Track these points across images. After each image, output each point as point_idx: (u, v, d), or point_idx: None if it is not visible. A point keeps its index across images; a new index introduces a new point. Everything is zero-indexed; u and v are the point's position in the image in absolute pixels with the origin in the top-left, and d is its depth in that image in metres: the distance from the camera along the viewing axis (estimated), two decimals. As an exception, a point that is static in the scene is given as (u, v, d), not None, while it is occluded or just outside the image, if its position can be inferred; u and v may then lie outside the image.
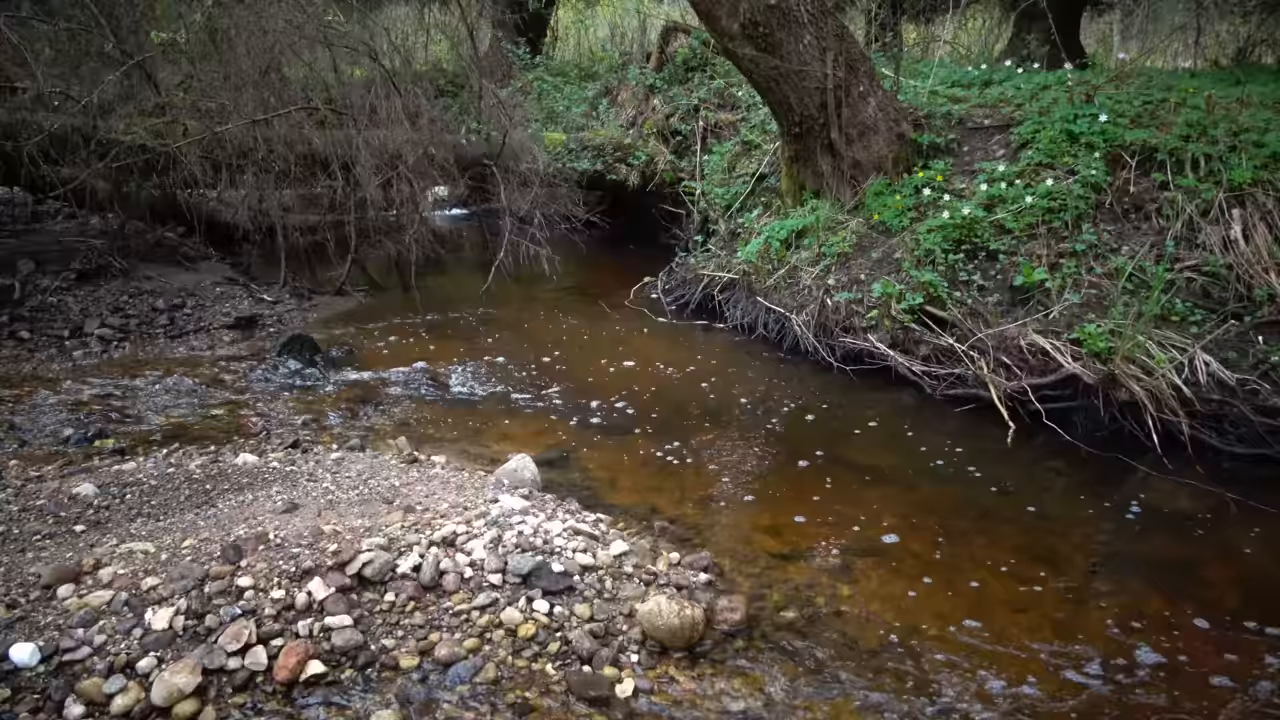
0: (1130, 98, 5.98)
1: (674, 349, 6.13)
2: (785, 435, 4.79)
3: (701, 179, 8.32)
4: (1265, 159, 5.21)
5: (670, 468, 4.39)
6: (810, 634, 3.10)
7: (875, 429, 4.85)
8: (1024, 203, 5.47)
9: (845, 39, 6.23)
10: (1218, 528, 3.83)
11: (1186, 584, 3.43)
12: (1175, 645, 3.05)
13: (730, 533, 3.78)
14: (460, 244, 9.59)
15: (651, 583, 3.22)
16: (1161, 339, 4.68)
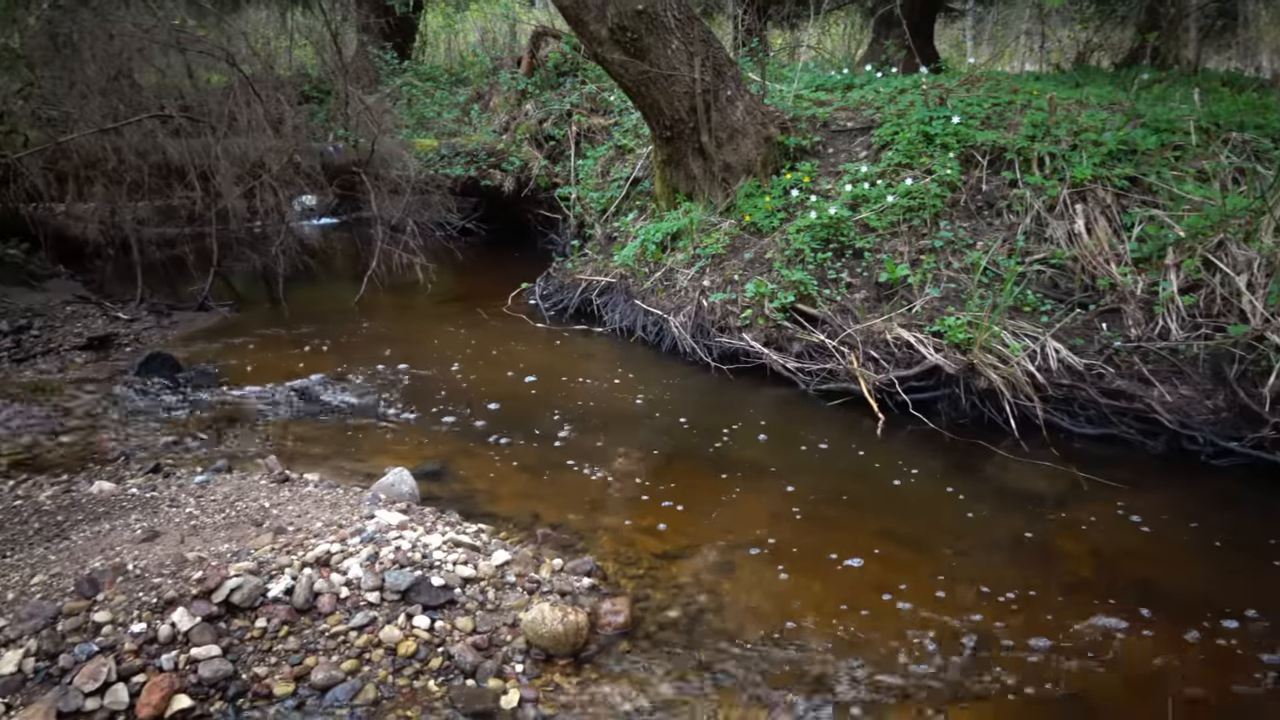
0: (980, 100, 6.29)
1: (554, 354, 6.11)
2: (665, 436, 4.83)
3: (576, 183, 8.33)
4: (1103, 157, 5.56)
5: (553, 474, 4.37)
6: (694, 631, 3.13)
7: (752, 426, 4.95)
8: (886, 202, 5.69)
9: (711, 44, 6.34)
10: (1070, 505, 4.06)
11: (1043, 560, 3.62)
12: (1034, 620, 3.21)
13: (613, 536, 3.79)
14: (331, 254, 9.34)
15: (535, 591, 3.20)
16: (1015, 329, 4.94)
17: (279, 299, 7.31)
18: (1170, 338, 4.76)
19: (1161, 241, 5.10)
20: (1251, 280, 4.73)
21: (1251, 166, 5.49)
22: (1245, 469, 4.31)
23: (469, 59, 12.17)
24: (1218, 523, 3.92)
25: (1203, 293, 4.85)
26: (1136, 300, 4.97)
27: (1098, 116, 5.93)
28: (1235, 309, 4.69)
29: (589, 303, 6.88)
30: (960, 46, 17.41)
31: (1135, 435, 4.60)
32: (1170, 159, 5.60)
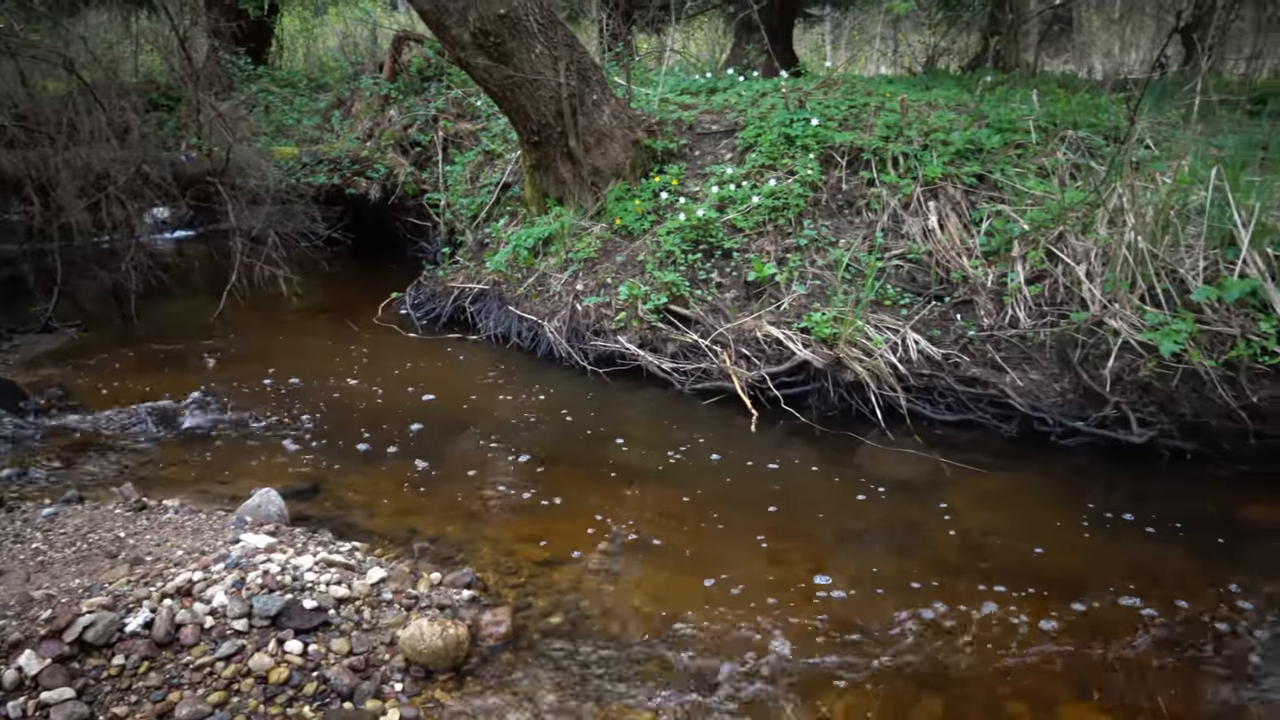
0: (837, 102, 6.51)
1: (427, 364, 6.00)
2: (544, 442, 4.81)
3: (445, 190, 8.21)
4: (952, 155, 5.84)
5: (430, 487, 4.29)
6: (578, 636, 3.14)
7: (630, 428, 4.98)
8: (751, 203, 5.82)
9: (576, 48, 6.35)
10: (935, 490, 4.24)
11: (913, 545, 3.77)
12: (907, 602, 3.35)
13: (493, 546, 3.75)
14: (188, 268, 8.92)
15: (413, 606, 3.14)
16: (877, 322, 5.13)
17: (131, 317, 6.94)
18: (1019, 326, 5.03)
19: (1008, 235, 5.39)
20: (1090, 269, 5.04)
21: (1086, 162, 5.86)
22: (1091, 446, 4.60)
23: (329, 64, 11.83)
24: (1069, 499, 4.17)
25: (1047, 282, 5.15)
26: (987, 291, 5.23)
27: (946, 117, 6.22)
28: (1076, 297, 4.99)
29: (462, 310, 6.79)
30: (820, 50, 17.96)
31: (991, 420, 4.83)
32: (1013, 157, 5.92)
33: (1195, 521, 3.92)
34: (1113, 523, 3.92)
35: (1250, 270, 4.59)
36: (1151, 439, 4.49)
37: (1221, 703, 2.85)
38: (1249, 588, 3.43)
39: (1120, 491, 4.27)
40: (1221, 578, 3.50)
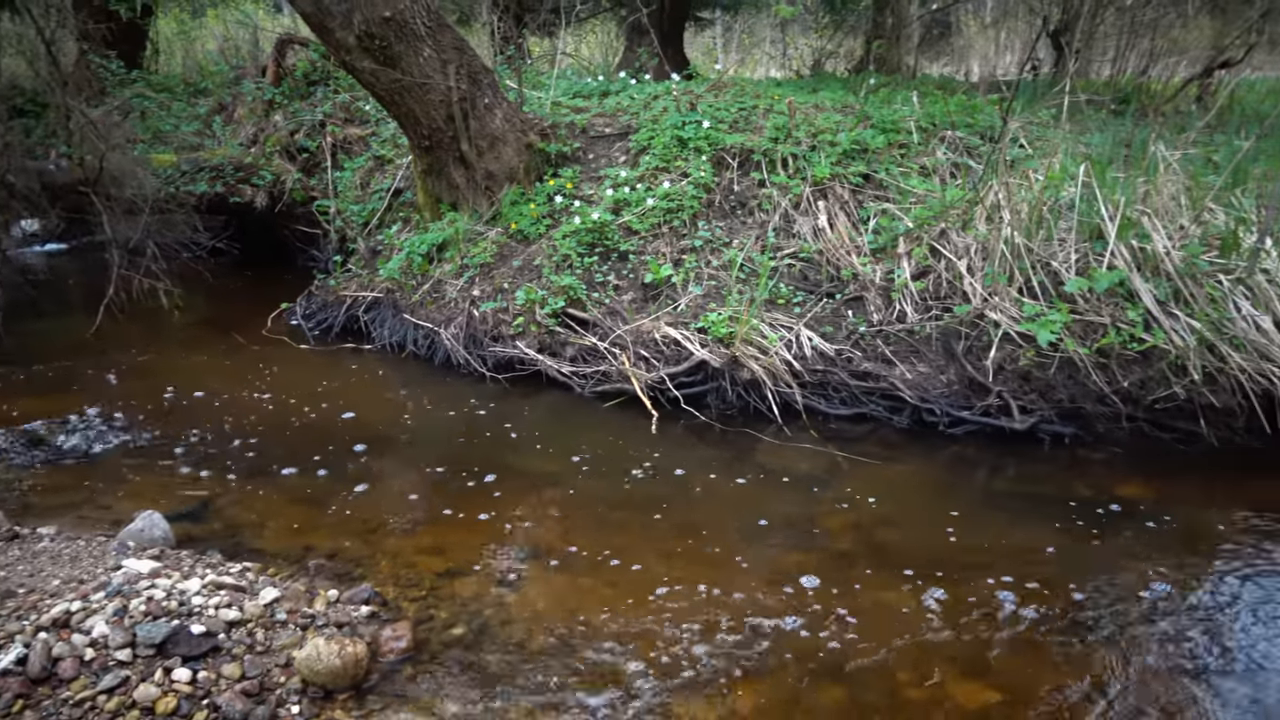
0: (728, 105, 6.61)
1: (321, 376, 5.84)
2: (443, 451, 4.74)
3: (335, 197, 8.02)
4: (839, 156, 5.99)
5: (325, 502, 4.18)
6: (480, 646, 3.10)
7: (532, 433, 4.95)
8: (646, 205, 5.86)
9: (466, 51, 6.28)
10: (832, 483, 4.34)
11: (811, 538, 3.85)
12: (809, 596, 3.42)
13: (393, 560, 3.68)
14: (61, 283, 8.49)
15: (309, 626, 3.05)
16: (772, 320, 5.23)
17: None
18: (907, 320, 5.19)
19: (894, 233, 5.56)
20: (970, 264, 5.24)
21: (965, 161, 6.09)
22: (977, 434, 4.78)
23: (209, 68, 11.41)
24: (958, 485, 4.34)
25: (931, 278, 5.33)
26: (876, 288, 5.39)
27: (832, 119, 6.38)
28: (959, 291, 5.18)
29: (356, 320, 6.64)
30: (711, 53, 18.19)
31: (883, 412, 4.98)
32: (897, 156, 6.12)
33: (1074, 502, 4.11)
34: (998, 506, 4.09)
35: (1118, 262, 4.85)
36: (1032, 425, 4.69)
37: (1100, 673, 3.00)
38: (1124, 563, 3.62)
39: (1004, 476, 4.46)
40: (1098, 554, 3.68)
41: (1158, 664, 3.05)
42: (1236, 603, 3.38)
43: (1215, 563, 3.64)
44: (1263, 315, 4.63)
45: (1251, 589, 3.45)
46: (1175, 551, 3.71)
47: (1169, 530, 3.88)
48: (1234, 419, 4.59)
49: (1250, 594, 3.42)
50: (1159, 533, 3.86)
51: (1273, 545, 3.75)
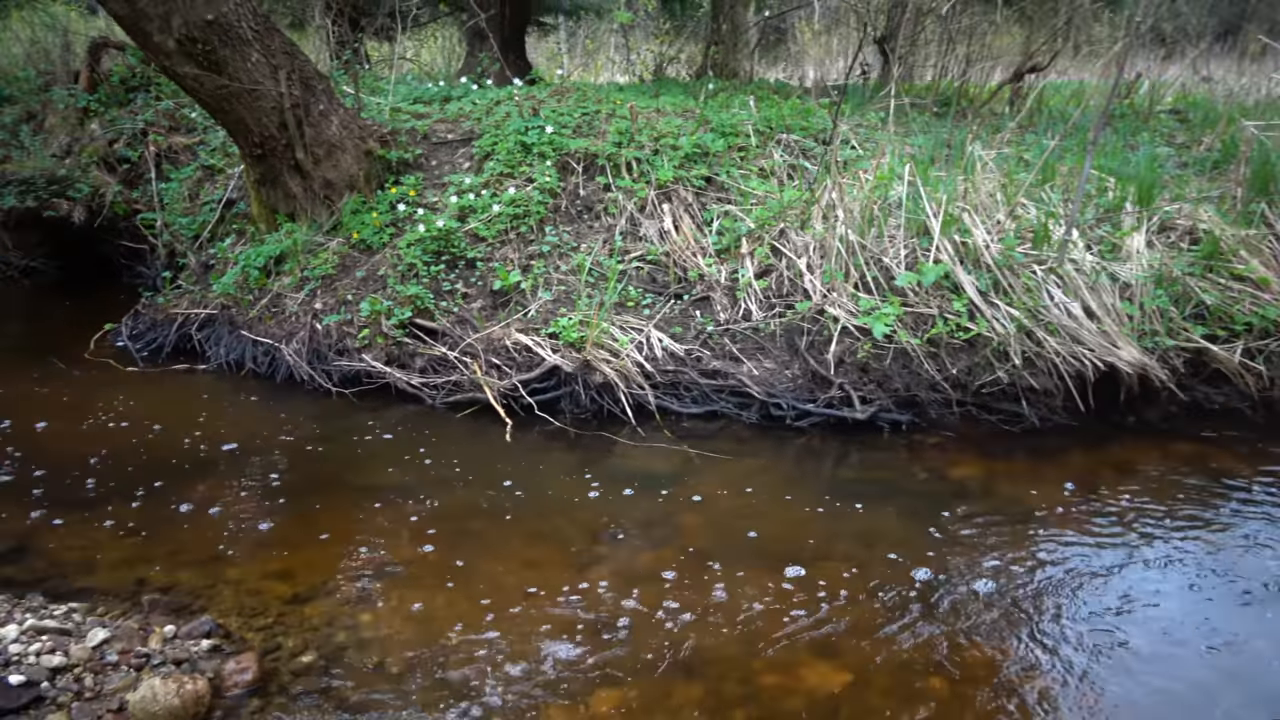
0: (571, 110, 6.63)
1: (152, 400, 5.51)
2: (289, 471, 4.56)
3: (161, 209, 7.57)
4: (681, 159, 6.10)
5: (159, 532, 3.94)
6: (333, 673, 3.00)
7: (382, 448, 4.82)
8: (492, 211, 5.80)
9: (297, 56, 6.05)
10: (687, 480, 4.41)
11: (669, 536, 3.90)
12: (669, 594, 3.46)
13: (235, 588, 3.51)
14: None
15: (144, 665, 2.88)
16: (622, 323, 5.27)
17: None
18: (752, 318, 5.34)
19: (737, 233, 5.71)
20: (810, 262, 5.44)
21: (801, 163, 6.31)
22: (822, 426, 4.95)
23: (13, 74, 10.59)
24: (805, 476, 4.49)
25: (774, 276, 5.50)
26: (722, 287, 5.51)
27: (674, 123, 6.50)
28: (800, 288, 5.37)
29: (188, 339, 6.29)
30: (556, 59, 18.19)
31: (733, 409, 5.09)
32: (737, 159, 6.29)
33: (912, 485, 4.33)
34: (844, 494, 4.25)
35: (943, 256, 5.13)
36: (872, 414, 4.90)
37: (943, 647, 3.16)
38: (961, 541, 3.83)
39: (849, 464, 4.65)
40: (936, 534, 3.88)
41: (996, 635, 3.24)
42: (1063, 571, 3.63)
43: (1041, 534, 3.90)
44: (1073, 302, 5.00)
45: (1075, 556, 3.71)
46: (1006, 526, 3.95)
47: (1000, 507, 4.13)
48: (1052, 399, 4.93)
49: (1074, 561, 3.68)
50: (991, 510, 4.10)
51: (1090, 514, 4.05)
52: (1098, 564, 3.66)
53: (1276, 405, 5.04)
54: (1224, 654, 3.13)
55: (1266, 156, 5.88)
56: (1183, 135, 7.68)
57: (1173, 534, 3.88)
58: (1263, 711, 2.88)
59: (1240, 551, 3.74)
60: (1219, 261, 5.33)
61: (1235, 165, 6.17)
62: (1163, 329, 5.02)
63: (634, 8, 14.52)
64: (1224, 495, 4.21)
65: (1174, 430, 4.91)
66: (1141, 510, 4.08)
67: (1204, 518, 4.01)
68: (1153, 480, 4.36)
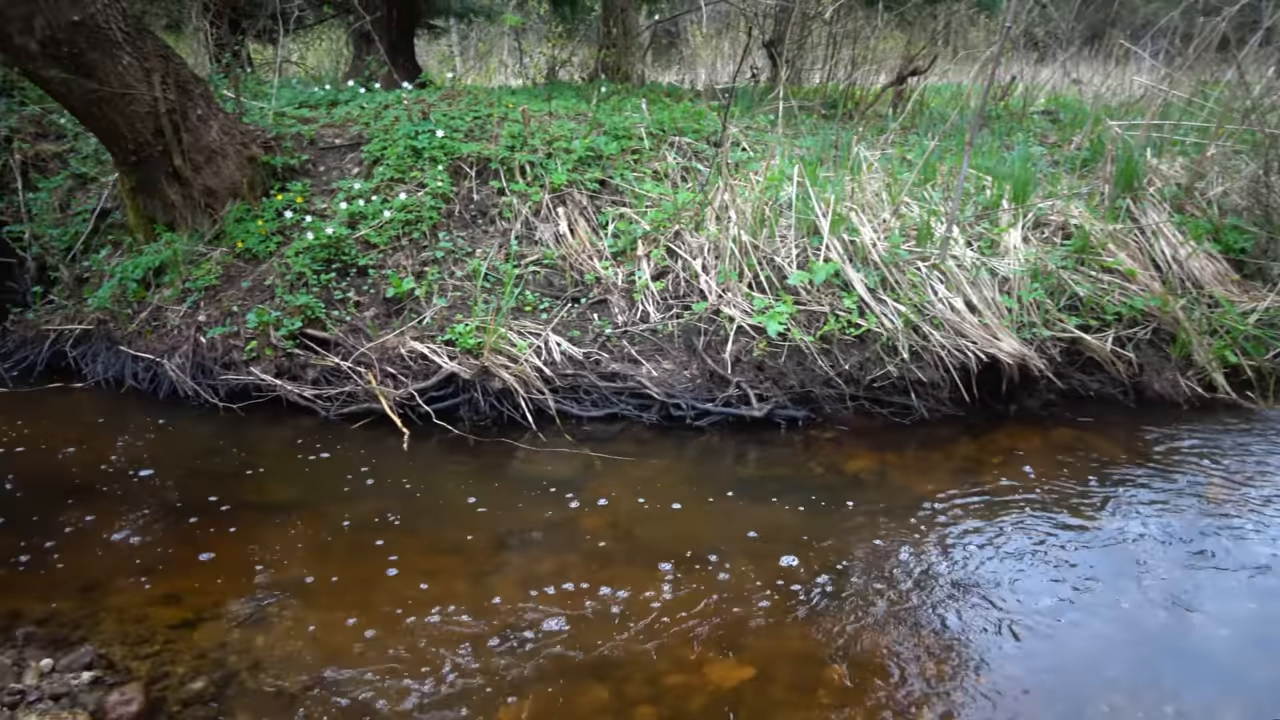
0: (462, 114, 6.55)
1: (24, 422, 5.21)
2: (174, 491, 4.38)
3: (29, 220, 7.18)
4: (575, 163, 6.10)
5: (33, 562, 3.74)
6: (225, 698, 2.90)
7: (273, 464, 4.68)
8: (384, 217, 5.69)
9: (172, 59, 5.82)
10: (589, 484, 4.41)
11: (573, 540, 3.89)
12: (573, 599, 3.45)
13: (119, 616, 3.36)
14: None
15: (18, 703, 2.73)
16: (520, 328, 5.24)
17: None
18: (650, 320, 5.37)
19: (632, 236, 5.73)
20: (705, 263, 5.50)
21: (694, 165, 6.39)
22: (721, 424, 5.02)
23: None
24: (706, 475, 4.53)
25: (670, 277, 5.54)
26: (619, 290, 5.53)
27: (567, 126, 6.49)
28: (696, 289, 5.43)
29: (62, 356, 5.98)
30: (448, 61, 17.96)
31: (633, 411, 5.11)
32: (630, 162, 6.32)
33: (809, 480, 4.43)
34: (744, 491, 4.31)
35: (832, 254, 5.26)
36: (769, 411, 4.99)
37: (842, 638, 3.24)
38: (857, 533, 3.93)
39: (748, 462, 4.72)
40: (833, 527, 3.98)
41: (892, 622, 3.34)
42: (952, 556, 3.76)
43: (933, 522, 4.03)
44: (955, 296, 5.18)
45: (964, 542, 3.85)
46: (900, 516, 4.07)
47: (893, 497, 4.26)
48: (939, 391, 5.10)
49: (963, 546, 3.82)
50: (885, 501, 4.22)
51: (977, 500, 4.21)
52: (986, 547, 3.80)
53: (1146, 390, 5.33)
54: (1105, 626, 3.30)
55: (1130, 155, 6.21)
56: (1054, 135, 8.06)
57: (1054, 515, 4.06)
58: (1142, 680, 3.04)
59: (1115, 529, 3.94)
60: (1090, 255, 5.61)
61: (1102, 163, 6.50)
62: (1039, 320, 5.25)
63: (525, 11, 14.47)
64: (1100, 477, 4.43)
65: (1053, 417, 5.14)
66: (1025, 494, 4.26)
67: (1082, 499, 4.21)
68: (1035, 465, 4.56)
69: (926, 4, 10.15)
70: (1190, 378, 5.30)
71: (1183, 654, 3.19)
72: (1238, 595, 3.49)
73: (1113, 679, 3.04)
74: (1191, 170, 6.47)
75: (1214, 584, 3.57)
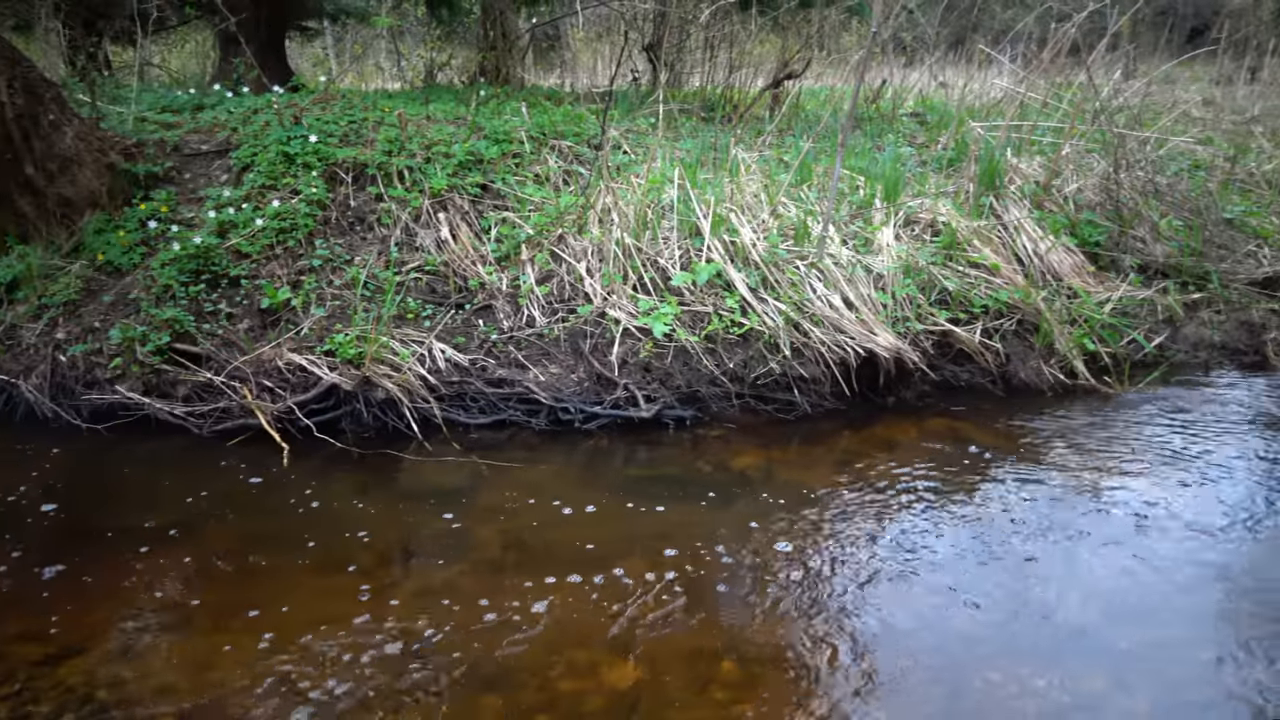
0: (336, 118, 6.39)
1: None
2: (35, 521, 4.11)
3: None
4: (455, 167, 6.03)
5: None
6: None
7: (144, 487, 4.46)
8: (256, 226, 5.50)
9: (20, 62, 5.49)
10: (478, 492, 4.36)
11: (464, 550, 3.84)
12: (466, 611, 3.41)
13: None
14: None
15: None
16: (403, 336, 5.14)
17: None
18: (536, 325, 5.35)
19: (516, 240, 5.70)
20: (589, 266, 5.52)
21: (575, 169, 6.39)
22: (610, 427, 5.03)
23: None
24: (596, 478, 4.54)
25: (555, 281, 5.53)
26: (504, 295, 5.49)
27: (445, 130, 6.40)
28: (581, 292, 5.43)
29: (-97, 380, 5.57)
30: (323, 64, 17.49)
31: (521, 416, 5.08)
32: (512, 166, 6.28)
33: (697, 479, 4.49)
34: (634, 492, 4.34)
35: (714, 255, 5.35)
36: (657, 412, 5.03)
37: (733, 633, 3.29)
38: (744, 529, 4.00)
39: (637, 463, 4.75)
40: (722, 524, 4.04)
41: (782, 614, 3.41)
42: (837, 546, 3.87)
43: (818, 514, 4.14)
44: (833, 294, 5.34)
45: (848, 531, 3.97)
46: (786, 511, 4.16)
47: (780, 492, 4.35)
48: (821, 386, 5.24)
49: (847, 536, 3.93)
50: (772, 496, 4.31)
51: (859, 491, 4.35)
52: (868, 536, 3.93)
53: (1013, 379, 5.60)
54: (980, 605, 3.45)
55: (992, 154, 6.52)
56: (922, 136, 8.39)
57: (930, 502, 4.23)
58: (1016, 655, 3.19)
59: (988, 512, 4.13)
60: (957, 251, 5.86)
61: (966, 163, 6.80)
62: (913, 315, 5.46)
63: (401, 13, 14.21)
64: (972, 463, 4.63)
65: (928, 407, 5.34)
66: (903, 482, 4.42)
67: (956, 485, 4.40)
68: (911, 454, 4.73)
69: (799, 8, 10.41)
70: (1053, 365, 5.60)
71: (1053, 627, 3.37)
72: (1101, 568, 3.71)
73: (988, 656, 3.18)
74: (1048, 168, 6.83)
75: (1078, 559, 3.78)
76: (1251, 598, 3.54)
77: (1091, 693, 3.02)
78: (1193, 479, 4.46)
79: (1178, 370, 5.90)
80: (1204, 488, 4.37)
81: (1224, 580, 3.65)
